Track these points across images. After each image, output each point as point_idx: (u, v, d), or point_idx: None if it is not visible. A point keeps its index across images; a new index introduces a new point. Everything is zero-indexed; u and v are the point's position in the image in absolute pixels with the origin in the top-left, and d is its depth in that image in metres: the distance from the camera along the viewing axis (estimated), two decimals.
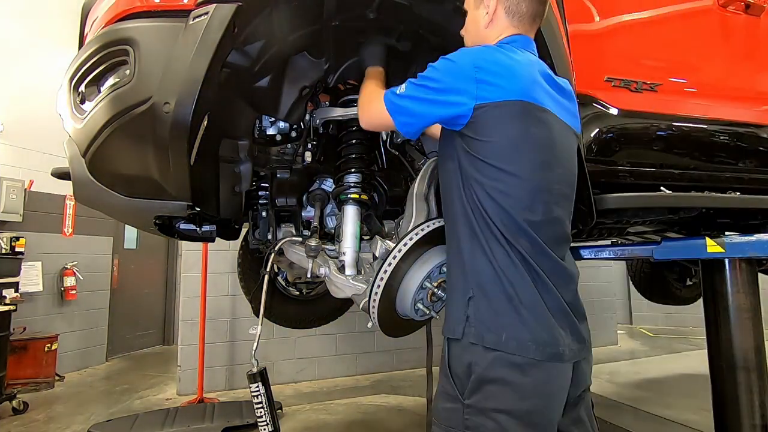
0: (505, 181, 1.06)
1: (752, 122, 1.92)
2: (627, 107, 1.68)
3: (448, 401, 1.05)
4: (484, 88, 1.04)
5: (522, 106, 1.05)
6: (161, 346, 6.06)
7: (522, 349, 1.00)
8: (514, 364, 1.00)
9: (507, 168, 1.06)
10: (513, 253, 1.05)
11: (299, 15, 1.40)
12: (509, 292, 1.03)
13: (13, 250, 3.85)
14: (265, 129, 1.72)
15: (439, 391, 1.09)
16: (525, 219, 1.05)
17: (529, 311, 1.02)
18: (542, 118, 1.09)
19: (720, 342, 1.78)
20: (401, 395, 3.88)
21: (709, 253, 1.71)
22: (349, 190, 1.68)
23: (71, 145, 1.36)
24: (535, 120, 1.07)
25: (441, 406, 1.07)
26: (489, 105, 1.04)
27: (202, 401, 3.63)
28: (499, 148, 1.06)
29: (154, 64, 1.15)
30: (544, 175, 1.09)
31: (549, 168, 1.10)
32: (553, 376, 1.03)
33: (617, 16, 1.73)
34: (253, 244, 1.97)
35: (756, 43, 1.99)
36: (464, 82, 1.05)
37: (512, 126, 1.06)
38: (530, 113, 1.06)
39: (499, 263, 1.05)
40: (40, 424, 3.27)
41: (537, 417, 1.01)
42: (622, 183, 1.66)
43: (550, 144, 1.10)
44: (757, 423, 1.68)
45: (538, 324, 1.02)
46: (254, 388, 1.54)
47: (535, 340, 1.01)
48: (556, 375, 1.03)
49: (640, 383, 4.18)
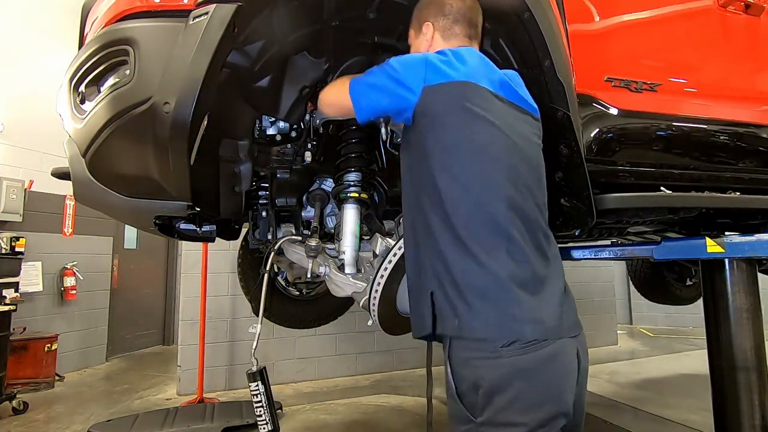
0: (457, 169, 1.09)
1: (752, 122, 1.92)
2: (627, 107, 1.67)
3: (461, 424, 1.02)
4: (431, 75, 1.11)
5: (467, 87, 1.10)
6: (161, 346, 6.06)
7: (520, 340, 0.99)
8: (518, 368, 0.98)
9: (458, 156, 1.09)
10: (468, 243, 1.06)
11: (299, 15, 1.40)
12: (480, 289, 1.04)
13: (13, 250, 3.86)
14: (265, 129, 1.72)
15: (450, 416, 1.06)
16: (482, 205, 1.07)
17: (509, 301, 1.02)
18: (489, 101, 1.12)
19: (720, 342, 1.78)
20: (401, 395, 3.88)
21: (709, 253, 1.71)
22: (348, 189, 1.68)
23: (71, 145, 1.36)
24: (482, 103, 1.10)
25: (455, 430, 1.04)
26: (433, 87, 1.10)
27: (202, 401, 3.63)
28: (448, 136, 1.10)
29: (154, 64, 1.15)
30: (499, 159, 1.10)
31: (505, 152, 1.11)
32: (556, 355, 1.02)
33: (617, 16, 1.73)
34: (253, 244, 1.97)
35: (756, 43, 1.98)
36: (414, 74, 1.12)
37: (457, 110, 1.10)
38: (476, 95, 1.10)
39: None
40: (40, 424, 3.27)
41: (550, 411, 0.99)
42: (622, 183, 1.66)
43: (502, 128, 1.11)
44: (757, 423, 1.68)
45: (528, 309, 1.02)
46: (254, 387, 1.54)
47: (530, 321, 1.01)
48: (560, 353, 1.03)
49: (640, 383, 4.18)
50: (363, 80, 1.24)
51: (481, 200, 1.07)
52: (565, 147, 1.44)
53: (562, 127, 1.41)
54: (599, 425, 3.14)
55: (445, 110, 1.11)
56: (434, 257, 1.09)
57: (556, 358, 1.02)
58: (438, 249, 1.08)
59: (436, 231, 1.09)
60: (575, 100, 1.42)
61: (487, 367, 0.99)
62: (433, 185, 1.10)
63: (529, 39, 1.36)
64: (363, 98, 1.23)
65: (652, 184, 1.70)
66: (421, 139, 1.13)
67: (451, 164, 1.09)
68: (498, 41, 1.47)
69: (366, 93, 1.22)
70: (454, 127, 1.10)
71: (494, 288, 1.03)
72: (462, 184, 1.08)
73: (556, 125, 1.41)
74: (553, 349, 1.02)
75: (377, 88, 1.19)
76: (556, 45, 1.37)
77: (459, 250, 1.05)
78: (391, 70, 1.16)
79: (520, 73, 1.31)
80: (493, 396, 0.98)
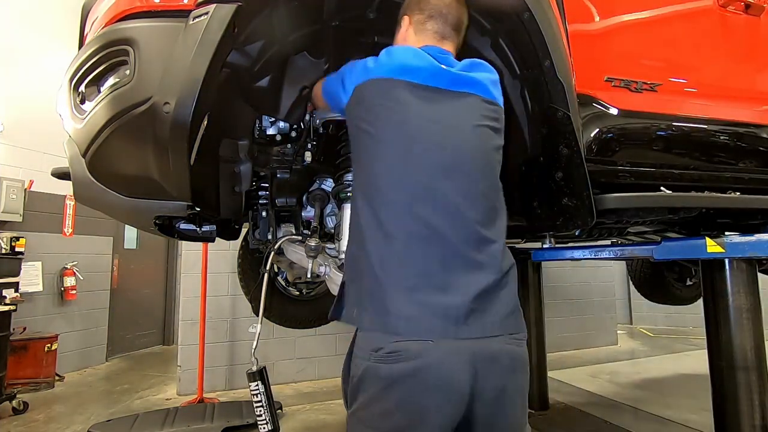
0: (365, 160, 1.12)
1: (752, 122, 1.92)
2: (627, 107, 1.67)
3: (347, 407, 1.08)
4: (359, 76, 1.16)
5: (391, 82, 1.11)
6: (161, 346, 6.06)
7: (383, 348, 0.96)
8: (376, 375, 0.96)
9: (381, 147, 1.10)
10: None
11: (299, 15, 1.40)
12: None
13: (13, 250, 3.85)
14: (265, 129, 1.72)
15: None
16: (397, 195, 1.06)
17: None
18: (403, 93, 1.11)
19: (720, 342, 1.78)
20: None
21: (709, 253, 1.71)
22: (348, 188, 1.68)
23: (71, 145, 1.36)
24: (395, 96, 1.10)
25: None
26: (359, 86, 1.14)
27: (202, 401, 3.63)
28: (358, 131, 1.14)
29: (154, 64, 1.15)
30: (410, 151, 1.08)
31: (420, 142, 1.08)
32: (421, 370, 0.94)
33: (617, 16, 1.73)
34: (253, 244, 1.97)
35: (756, 43, 1.99)
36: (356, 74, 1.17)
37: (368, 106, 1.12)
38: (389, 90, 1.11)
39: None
40: (40, 424, 3.27)
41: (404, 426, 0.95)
42: (622, 183, 1.66)
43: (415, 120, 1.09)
44: (757, 423, 1.68)
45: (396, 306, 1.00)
46: (254, 386, 1.54)
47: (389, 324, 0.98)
48: (428, 366, 0.94)
49: (640, 383, 4.18)
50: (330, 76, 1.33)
51: (384, 191, 1.06)
52: (565, 147, 1.44)
53: (562, 127, 1.41)
54: (599, 425, 3.14)
55: (358, 107, 1.15)
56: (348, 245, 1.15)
57: (421, 373, 0.93)
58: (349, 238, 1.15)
59: (351, 222, 1.15)
60: (575, 100, 1.42)
61: (359, 364, 1.02)
62: (353, 174, 1.21)
63: (529, 39, 1.36)
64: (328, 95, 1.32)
65: (652, 184, 1.70)
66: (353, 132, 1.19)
67: (359, 157, 1.15)
68: (498, 41, 1.48)
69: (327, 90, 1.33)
70: (364, 123, 1.13)
71: (378, 284, 1.02)
72: (368, 175, 1.11)
73: (556, 125, 1.41)
74: (422, 363, 0.93)
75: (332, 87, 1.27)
76: (556, 45, 1.37)
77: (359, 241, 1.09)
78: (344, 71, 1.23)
79: (520, 73, 1.31)
80: (356, 393, 1.01)
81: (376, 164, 1.09)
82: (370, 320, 1.02)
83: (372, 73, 1.13)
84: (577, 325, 5.45)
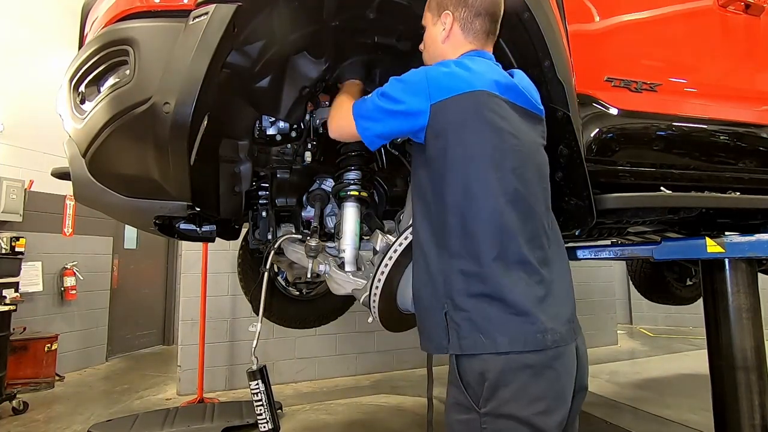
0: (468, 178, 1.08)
1: (752, 122, 1.92)
2: (627, 107, 1.67)
3: (462, 413, 1.03)
4: (435, 92, 1.09)
5: (476, 97, 1.08)
6: (161, 346, 6.06)
7: (528, 343, 1.00)
8: (525, 365, 1.00)
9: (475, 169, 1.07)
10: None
11: (299, 15, 1.40)
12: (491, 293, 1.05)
13: (13, 250, 3.85)
14: (265, 129, 1.72)
15: (451, 403, 1.07)
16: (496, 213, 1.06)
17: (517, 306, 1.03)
18: (501, 107, 1.11)
19: (720, 342, 1.78)
20: (401, 395, 3.88)
21: (709, 253, 1.71)
22: (349, 187, 1.68)
23: (71, 145, 1.36)
24: (497, 111, 1.09)
25: (455, 418, 1.05)
26: (441, 102, 1.09)
27: (202, 401, 3.63)
28: (465, 151, 1.08)
29: (154, 64, 1.15)
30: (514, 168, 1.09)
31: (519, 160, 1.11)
32: (560, 359, 1.04)
33: (617, 16, 1.73)
34: (253, 244, 1.97)
35: (756, 43, 1.98)
36: (418, 94, 1.11)
37: (472, 122, 1.08)
38: (487, 105, 1.09)
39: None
40: (40, 424, 3.27)
41: (552, 406, 1.01)
42: (622, 183, 1.66)
43: (516, 136, 1.11)
44: (757, 423, 1.68)
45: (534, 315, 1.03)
46: (254, 385, 1.54)
47: (537, 331, 1.01)
48: (563, 357, 1.05)
49: (640, 383, 4.18)
50: (365, 109, 1.21)
51: (495, 211, 1.06)
52: (565, 147, 1.44)
53: (562, 127, 1.41)
54: (599, 425, 3.14)
55: (458, 125, 1.08)
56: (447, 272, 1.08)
57: (562, 357, 1.04)
58: (450, 262, 1.07)
59: (451, 245, 1.08)
60: (575, 100, 1.42)
61: (494, 360, 1.00)
62: (443, 199, 1.10)
63: (529, 39, 1.36)
64: (368, 130, 1.21)
65: (652, 184, 1.70)
66: (435, 157, 1.11)
67: (467, 177, 1.07)
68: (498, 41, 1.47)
69: (370, 124, 1.20)
70: (471, 142, 1.08)
71: (507, 303, 1.03)
72: (475, 196, 1.06)
73: (556, 125, 1.41)
74: (560, 351, 1.04)
75: (381, 117, 1.17)
76: (556, 45, 1.37)
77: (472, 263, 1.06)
78: (393, 93, 1.14)
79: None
80: (498, 388, 0.99)
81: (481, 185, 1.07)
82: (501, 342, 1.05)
83: (453, 89, 1.09)
84: None
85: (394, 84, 1.16)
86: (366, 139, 1.23)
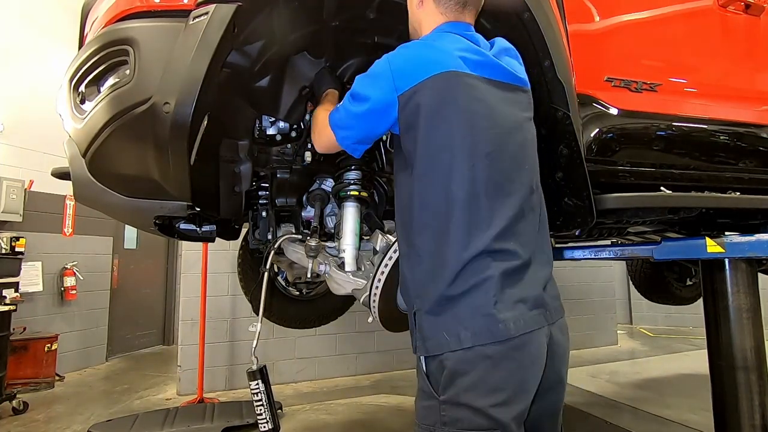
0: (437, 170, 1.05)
1: (752, 122, 1.92)
2: (627, 107, 1.67)
3: (425, 399, 1.05)
4: (401, 81, 1.07)
5: (442, 78, 1.05)
6: (161, 346, 6.06)
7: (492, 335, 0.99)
8: (484, 355, 0.99)
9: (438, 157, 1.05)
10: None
11: (299, 15, 1.40)
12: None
13: (13, 250, 3.85)
14: (265, 129, 1.72)
15: (418, 390, 1.09)
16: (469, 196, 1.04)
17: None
18: (470, 83, 1.07)
19: (720, 342, 1.78)
20: (401, 395, 3.88)
21: (709, 253, 1.71)
22: (349, 187, 1.68)
23: (71, 145, 1.36)
24: (463, 90, 1.06)
25: (420, 404, 1.07)
26: (409, 91, 1.06)
27: (202, 401, 3.63)
28: (430, 136, 1.06)
29: (154, 64, 1.15)
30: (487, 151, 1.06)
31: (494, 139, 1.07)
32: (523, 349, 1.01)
33: (617, 16, 1.73)
34: (253, 244, 1.97)
35: (756, 43, 1.98)
36: (383, 86, 1.09)
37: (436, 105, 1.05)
38: (454, 85, 1.06)
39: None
40: (40, 424, 3.27)
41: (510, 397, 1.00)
42: (622, 183, 1.66)
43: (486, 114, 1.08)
44: (757, 423, 1.68)
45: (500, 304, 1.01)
46: (254, 385, 1.53)
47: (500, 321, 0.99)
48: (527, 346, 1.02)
49: (640, 383, 4.18)
50: (338, 118, 1.19)
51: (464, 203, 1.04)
52: (565, 147, 1.44)
53: (562, 127, 1.41)
54: (599, 425, 3.14)
55: (427, 113, 1.05)
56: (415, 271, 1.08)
57: (527, 346, 1.01)
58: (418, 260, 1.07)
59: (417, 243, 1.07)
60: (575, 100, 1.42)
61: (454, 351, 1.01)
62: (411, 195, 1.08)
63: (529, 39, 1.36)
64: (347, 139, 1.20)
65: (652, 184, 1.70)
66: (409, 150, 1.10)
67: (435, 169, 1.06)
68: None
69: (347, 132, 1.19)
70: (440, 130, 1.05)
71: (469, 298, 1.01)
72: (443, 189, 1.04)
73: (556, 125, 1.41)
74: (524, 339, 1.01)
75: (353, 123, 1.16)
76: (556, 45, 1.38)
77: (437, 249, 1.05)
78: (360, 90, 1.12)
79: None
80: (456, 377, 0.99)
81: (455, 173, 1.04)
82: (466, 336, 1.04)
83: (419, 75, 1.06)
84: (577, 325, 5.45)
85: (360, 81, 1.14)
86: (347, 149, 1.22)
